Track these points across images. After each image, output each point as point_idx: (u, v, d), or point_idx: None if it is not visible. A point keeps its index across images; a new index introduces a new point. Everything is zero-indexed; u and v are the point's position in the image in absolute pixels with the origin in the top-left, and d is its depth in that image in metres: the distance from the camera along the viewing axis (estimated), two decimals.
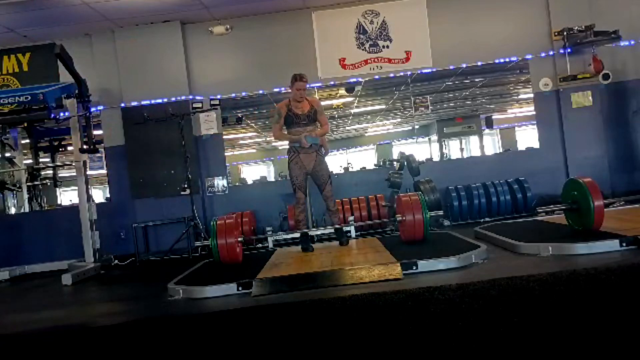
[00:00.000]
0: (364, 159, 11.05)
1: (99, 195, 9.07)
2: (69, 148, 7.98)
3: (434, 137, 10.14)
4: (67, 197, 9.56)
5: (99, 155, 7.84)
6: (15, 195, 8.67)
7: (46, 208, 8.75)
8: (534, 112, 8.09)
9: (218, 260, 5.17)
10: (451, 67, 8.09)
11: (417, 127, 9.52)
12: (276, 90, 8.13)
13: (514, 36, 7.96)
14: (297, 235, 5.82)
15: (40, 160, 8.92)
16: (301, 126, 5.69)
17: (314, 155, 5.73)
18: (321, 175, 5.75)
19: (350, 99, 9.18)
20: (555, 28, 7.81)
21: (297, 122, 5.71)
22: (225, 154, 8.22)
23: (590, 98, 7.79)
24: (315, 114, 5.76)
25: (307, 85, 7.99)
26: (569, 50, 7.71)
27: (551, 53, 7.89)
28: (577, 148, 7.81)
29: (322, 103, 8.55)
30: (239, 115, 8.56)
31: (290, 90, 5.85)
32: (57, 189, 9.25)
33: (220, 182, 8.10)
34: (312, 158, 5.72)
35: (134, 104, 7.92)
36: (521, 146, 9.90)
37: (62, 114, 6.79)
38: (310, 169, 5.74)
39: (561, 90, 7.85)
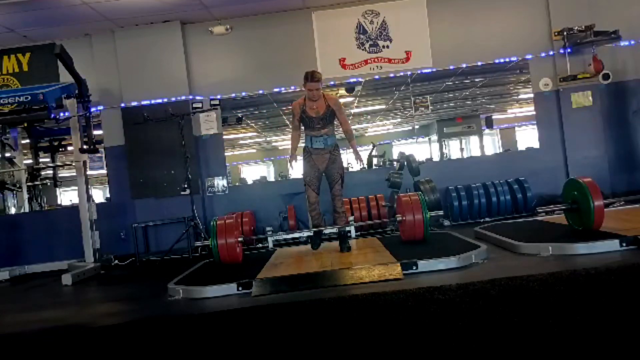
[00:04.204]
0: (364, 158, 11.04)
1: (99, 195, 9.08)
2: (69, 148, 7.99)
3: (434, 137, 10.15)
4: (67, 197, 9.57)
5: (99, 155, 7.85)
6: (15, 195, 8.67)
7: (46, 208, 8.75)
8: (534, 112, 8.08)
9: (218, 260, 5.17)
10: (451, 67, 8.09)
11: (417, 127, 9.53)
12: (276, 90, 8.14)
13: (514, 36, 7.96)
14: (297, 235, 5.82)
15: (40, 160, 8.92)
16: (315, 130, 5.40)
17: (327, 155, 5.47)
18: (333, 173, 5.48)
19: (350, 99, 9.18)
20: (555, 28, 7.80)
21: (310, 126, 5.42)
22: (225, 154, 8.22)
23: (590, 98, 7.79)
24: (332, 114, 5.41)
25: None
26: (569, 50, 7.71)
27: (551, 53, 7.89)
28: (577, 148, 7.81)
29: None
30: (239, 115, 8.55)
31: (303, 89, 5.43)
32: (57, 189, 9.26)
33: (220, 182, 8.10)
34: (325, 158, 5.47)
35: (134, 104, 7.92)
36: (521, 146, 9.91)
37: (62, 114, 6.79)
38: (324, 168, 5.51)
39: (561, 90, 7.85)
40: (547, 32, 7.91)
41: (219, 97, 7.86)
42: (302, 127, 5.55)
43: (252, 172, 11.47)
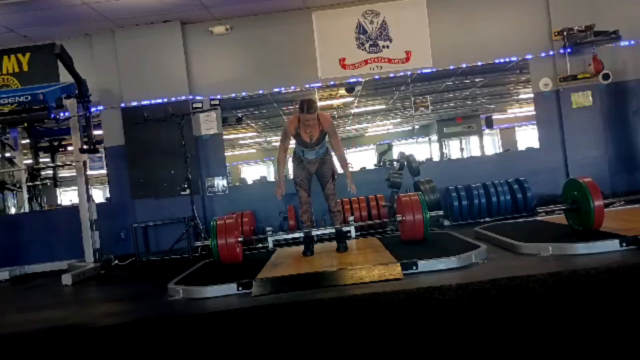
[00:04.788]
0: (364, 159, 11.04)
1: (99, 195, 9.07)
2: (69, 148, 7.98)
3: (434, 137, 10.14)
4: (67, 197, 9.56)
5: (99, 155, 7.84)
6: (15, 195, 8.67)
7: (46, 208, 8.75)
8: (534, 112, 8.08)
9: (218, 260, 5.17)
10: (451, 67, 8.08)
11: (417, 127, 9.52)
12: (276, 90, 8.13)
13: (514, 36, 7.96)
14: (297, 235, 5.78)
15: (40, 160, 8.92)
16: (308, 147, 5.36)
17: (317, 162, 5.43)
18: (323, 173, 5.44)
19: (350, 99, 9.18)
20: (555, 28, 7.80)
21: (303, 145, 5.36)
22: (225, 154, 8.21)
23: (590, 98, 7.79)
24: (325, 136, 5.33)
25: (308, 85, 8.12)
26: (569, 50, 7.71)
27: (551, 53, 7.89)
28: (577, 148, 7.80)
29: (322, 103, 8.63)
30: (239, 115, 8.56)
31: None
32: (57, 189, 9.26)
33: (220, 182, 8.10)
34: (316, 162, 5.43)
35: (134, 104, 7.92)
36: (521, 146, 9.90)
37: (62, 114, 6.79)
38: (314, 170, 5.48)
39: (561, 90, 7.85)
40: (547, 32, 7.91)
41: (219, 97, 7.86)
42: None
43: (252, 172, 11.45)
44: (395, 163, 7.79)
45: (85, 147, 6.68)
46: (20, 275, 7.25)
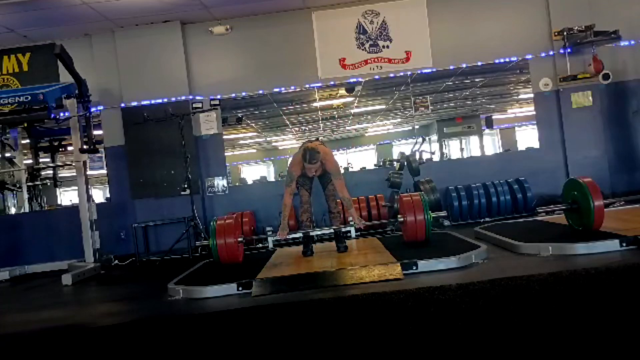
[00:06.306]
0: (364, 159, 11.04)
1: (99, 195, 9.07)
2: (69, 148, 7.98)
3: (434, 137, 10.14)
4: (67, 197, 9.56)
5: (99, 155, 7.84)
6: (15, 195, 8.67)
7: (46, 208, 8.75)
8: (534, 112, 8.08)
9: (218, 261, 5.17)
10: (451, 67, 8.08)
11: (417, 127, 9.52)
12: (276, 90, 8.13)
13: (514, 36, 7.96)
14: (297, 235, 5.77)
15: (40, 160, 8.92)
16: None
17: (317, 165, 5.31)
18: (325, 175, 5.44)
19: (350, 99, 9.18)
20: (555, 28, 7.80)
21: (306, 183, 5.46)
22: (225, 154, 8.21)
23: (590, 98, 7.79)
24: (325, 165, 5.31)
25: (308, 85, 8.13)
26: (569, 50, 7.71)
27: (551, 53, 7.89)
28: (577, 148, 7.80)
29: (322, 103, 8.66)
30: (239, 115, 8.56)
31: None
32: (57, 189, 9.26)
33: (220, 182, 8.10)
34: (316, 168, 5.30)
35: (134, 104, 7.92)
36: (521, 146, 9.90)
37: (62, 114, 6.79)
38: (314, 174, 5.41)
39: (561, 90, 7.85)
40: (547, 32, 7.91)
41: (219, 97, 7.86)
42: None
43: (252, 172, 11.46)
44: (395, 163, 7.79)
45: (85, 147, 6.67)
46: (20, 275, 7.25)
